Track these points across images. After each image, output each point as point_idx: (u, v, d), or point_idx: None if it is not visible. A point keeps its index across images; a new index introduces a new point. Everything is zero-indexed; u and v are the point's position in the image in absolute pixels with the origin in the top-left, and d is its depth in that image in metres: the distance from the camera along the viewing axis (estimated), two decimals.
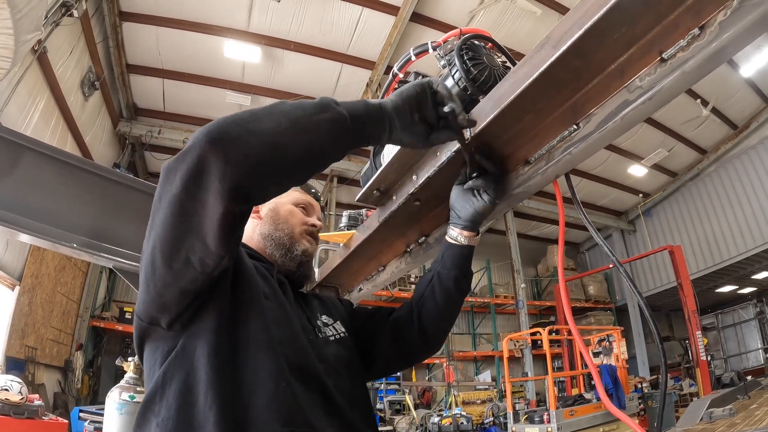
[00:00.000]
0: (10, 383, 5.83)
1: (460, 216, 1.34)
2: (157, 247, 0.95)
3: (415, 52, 1.44)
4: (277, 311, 1.21)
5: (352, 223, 2.03)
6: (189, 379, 1.02)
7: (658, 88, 0.97)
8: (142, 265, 1.02)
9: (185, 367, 1.03)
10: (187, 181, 0.88)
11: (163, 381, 1.03)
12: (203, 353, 1.03)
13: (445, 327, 1.49)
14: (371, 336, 1.49)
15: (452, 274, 1.39)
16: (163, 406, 1.01)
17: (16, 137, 2.32)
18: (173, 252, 0.95)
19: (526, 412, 9.35)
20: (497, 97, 1.13)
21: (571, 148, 1.15)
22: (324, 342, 1.31)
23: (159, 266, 0.97)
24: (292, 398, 1.06)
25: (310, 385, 1.13)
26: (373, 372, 1.52)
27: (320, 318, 1.40)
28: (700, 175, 16.62)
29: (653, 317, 1.06)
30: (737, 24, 0.83)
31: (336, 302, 1.60)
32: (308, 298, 1.50)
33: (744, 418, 6.19)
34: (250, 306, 1.14)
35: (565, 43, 0.95)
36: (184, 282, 1.00)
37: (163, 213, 0.92)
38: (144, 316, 1.08)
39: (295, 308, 1.32)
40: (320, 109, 0.98)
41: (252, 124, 0.91)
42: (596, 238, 1.17)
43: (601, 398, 1.13)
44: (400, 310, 1.50)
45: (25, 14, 5.00)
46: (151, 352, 1.11)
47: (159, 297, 1.02)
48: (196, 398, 1.00)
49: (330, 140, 1.00)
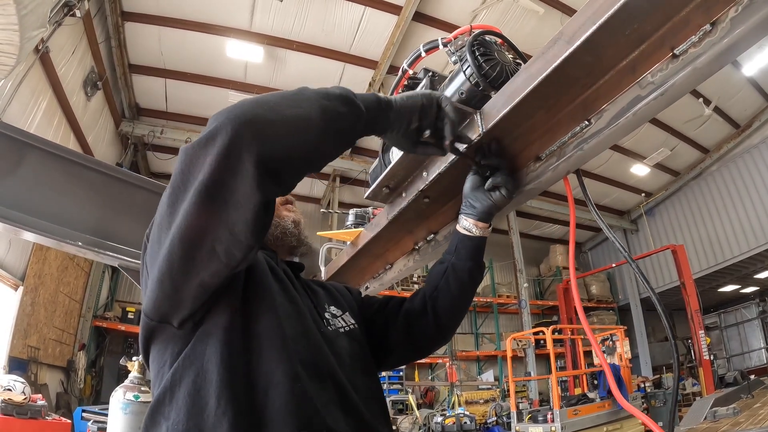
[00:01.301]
0: (13, 383, 5.85)
1: (475, 207, 1.33)
2: (177, 238, 0.89)
3: (425, 49, 1.44)
4: (288, 306, 1.17)
5: (359, 221, 2.03)
6: (199, 380, 0.98)
7: (671, 83, 0.97)
8: (153, 260, 0.97)
9: (196, 368, 0.99)
10: (217, 166, 0.83)
11: (172, 383, 1.00)
12: (215, 353, 0.99)
13: (459, 317, 1.49)
14: (384, 328, 1.47)
15: (467, 265, 1.38)
16: (173, 409, 0.98)
17: (20, 135, 2.31)
18: (197, 242, 0.89)
19: (529, 411, 9.35)
20: (510, 93, 1.13)
21: (583, 145, 1.15)
22: (335, 335, 1.27)
23: (178, 258, 0.91)
24: (308, 398, 1.02)
25: (325, 382, 1.09)
26: (386, 364, 1.50)
27: (328, 309, 1.37)
28: (702, 174, 16.59)
29: (666, 312, 1.06)
30: (748, 20, 0.84)
31: (344, 291, 1.56)
32: (313, 287, 1.45)
33: (748, 417, 6.17)
34: (261, 301, 1.10)
35: (578, 39, 0.95)
36: (206, 275, 0.95)
37: (188, 201, 0.86)
38: (153, 314, 1.03)
39: (305, 299, 1.29)
40: (343, 101, 0.99)
41: (283, 109, 0.89)
42: (608, 234, 1.18)
43: (615, 394, 1.13)
44: (413, 302, 1.47)
45: (31, 10, 4.99)
46: (159, 353, 1.07)
47: (175, 292, 0.97)
48: (207, 400, 0.96)
49: (350, 131, 1.02)
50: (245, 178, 0.84)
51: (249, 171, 0.84)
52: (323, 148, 0.99)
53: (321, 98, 0.97)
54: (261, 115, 0.86)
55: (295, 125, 0.90)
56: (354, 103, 1.01)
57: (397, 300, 1.53)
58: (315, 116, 0.93)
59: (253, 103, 0.88)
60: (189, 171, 0.87)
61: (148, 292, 1.00)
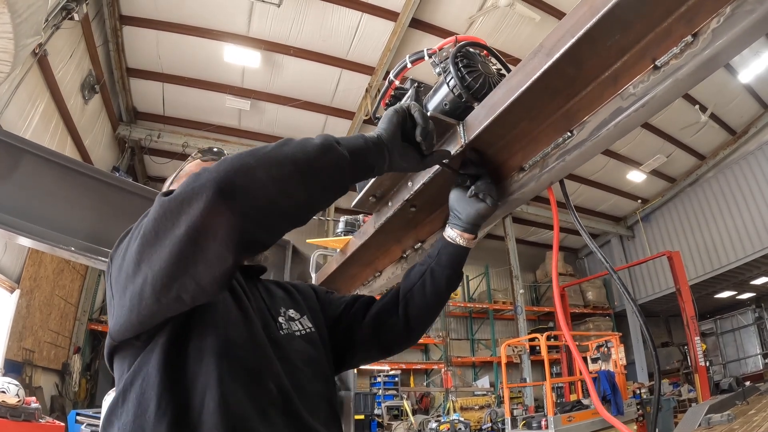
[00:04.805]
0: (7, 386, 5.84)
1: (461, 218, 1.34)
2: (149, 281, 0.93)
3: (410, 60, 1.45)
4: (236, 313, 1.20)
5: (349, 228, 2.03)
6: (144, 384, 1.04)
7: (652, 95, 0.97)
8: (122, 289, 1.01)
9: (143, 374, 1.06)
10: (192, 228, 0.86)
11: (125, 387, 1.07)
12: (156, 362, 1.06)
13: (430, 321, 1.49)
14: (350, 326, 1.49)
15: (446, 272, 1.40)
16: (124, 411, 1.05)
17: (15, 140, 2.32)
18: (165, 289, 0.93)
19: (524, 417, 9.36)
20: (491, 105, 1.14)
21: (565, 156, 1.16)
22: (287, 339, 1.30)
23: (147, 298, 0.95)
24: (241, 403, 1.06)
25: (266, 387, 1.13)
26: (351, 362, 1.54)
27: (286, 312, 1.39)
28: (698, 180, 16.66)
29: (646, 324, 1.07)
30: (730, 31, 0.83)
31: (307, 292, 1.57)
32: (271, 288, 1.47)
33: (742, 423, 6.18)
34: (206, 311, 1.13)
35: (558, 51, 0.96)
36: (171, 313, 1.01)
37: (161, 252, 0.90)
38: (117, 338, 1.10)
39: (259, 303, 1.33)
40: (323, 152, 0.98)
41: (258, 172, 0.90)
42: (590, 244, 1.18)
43: (595, 405, 1.14)
44: (384, 301, 1.49)
45: (25, 19, 5.01)
46: (119, 363, 1.14)
47: (140, 325, 1.03)
48: (149, 403, 1.02)
49: (333, 182, 1.01)
50: (219, 243, 0.88)
51: (224, 238, 0.87)
52: (304, 206, 0.99)
53: (297, 152, 0.96)
54: (237, 183, 0.88)
55: (271, 190, 0.91)
56: (334, 150, 0.99)
57: (365, 299, 1.55)
58: (289, 176, 0.93)
59: (233, 165, 0.89)
60: (163, 222, 0.90)
61: (116, 317, 1.05)
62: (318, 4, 9.77)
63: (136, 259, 0.95)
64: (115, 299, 1.04)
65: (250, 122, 12.95)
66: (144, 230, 0.93)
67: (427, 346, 17.69)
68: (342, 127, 12.76)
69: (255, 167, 0.90)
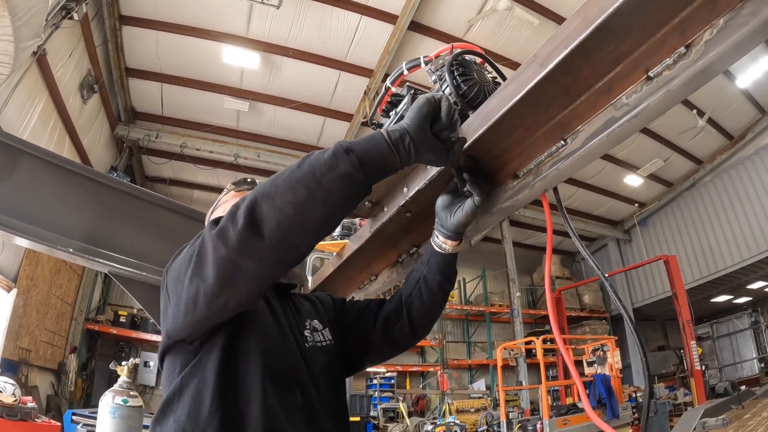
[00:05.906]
0: (3, 385, 5.83)
1: (444, 225, 1.37)
2: (201, 291, 1.11)
3: (407, 67, 1.47)
4: (273, 327, 1.37)
5: (345, 232, 2.04)
6: (200, 385, 1.21)
7: (644, 105, 0.98)
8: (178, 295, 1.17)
9: (199, 376, 1.22)
10: (232, 251, 1.03)
11: (181, 386, 1.23)
12: (213, 366, 1.22)
13: (433, 320, 1.60)
14: (363, 331, 1.61)
15: (437, 279, 1.48)
16: (180, 405, 1.20)
17: (14, 141, 2.33)
18: (215, 299, 1.11)
19: (519, 420, 9.37)
20: (485, 114, 1.15)
21: (559, 164, 1.17)
22: (311, 351, 1.45)
23: (201, 305, 1.13)
24: (276, 407, 1.22)
25: (294, 392, 1.29)
26: (366, 362, 1.68)
27: (310, 323, 1.54)
28: (695, 185, 16.69)
29: (637, 330, 1.08)
30: (723, 43, 0.84)
31: (327, 303, 1.71)
32: (299, 302, 1.61)
33: (737, 428, 6.21)
34: (249, 324, 1.30)
35: (551, 62, 0.97)
36: (221, 318, 1.19)
37: (208, 269, 1.08)
38: (173, 336, 1.25)
39: (290, 317, 1.48)
40: (330, 167, 1.02)
41: (277, 200, 1.02)
42: (582, 251, 1.20)
43: (587, 410, 1.15)
44: (391, 305, 1.60)
45: (25, 22, 5.00)
46: (171, 362, 1.30)
47: (193, 328, 1.21)
48: (204, 401, 1.18)
49: (347, 193, 1.05)
50: (255, 263, 1.04)
51: (258, 258, 1.04)
52: (324, 221, 1.08)
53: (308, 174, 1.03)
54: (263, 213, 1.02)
55: (292, 214, 1.02)
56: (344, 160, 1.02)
57: (375, 302, 1.67)
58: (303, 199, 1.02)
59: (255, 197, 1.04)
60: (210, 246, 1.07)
61: (172, 319, 1.23)
62: (317, 6, 9.79)
63: (191, 274, 1.13)
64: (171, 304, 1.22)
65: (248, 123, 12.94)
66: (198, 250, 1.11)
67: (424, 349, 17.67)
68: (340, 129, 12.78)
69: (273, 196, 1.03)
